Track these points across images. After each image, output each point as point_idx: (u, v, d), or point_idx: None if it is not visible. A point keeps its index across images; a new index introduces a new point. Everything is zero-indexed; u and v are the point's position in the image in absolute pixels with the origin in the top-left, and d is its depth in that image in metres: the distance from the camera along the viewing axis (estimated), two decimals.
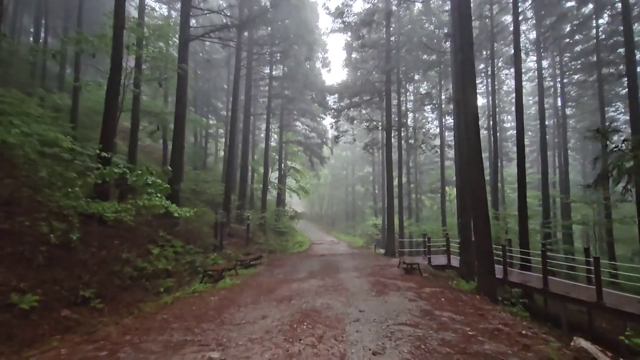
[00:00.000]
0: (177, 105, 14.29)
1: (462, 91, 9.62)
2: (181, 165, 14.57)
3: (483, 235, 9.22)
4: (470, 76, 9.46)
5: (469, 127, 9.49)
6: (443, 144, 25.92)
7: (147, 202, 7.45)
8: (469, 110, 9.40)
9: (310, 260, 16.16)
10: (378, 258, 17.19)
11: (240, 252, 16.72)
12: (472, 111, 9.43)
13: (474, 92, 9.55)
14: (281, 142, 27.90)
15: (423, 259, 16.22)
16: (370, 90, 18.36)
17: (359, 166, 44.70)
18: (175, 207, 8.16)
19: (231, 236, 18.72)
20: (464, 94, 9.55)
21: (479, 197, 9.29)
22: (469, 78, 9.45)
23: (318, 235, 35.02)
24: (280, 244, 23.81)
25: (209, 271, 9.93)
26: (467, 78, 9.43)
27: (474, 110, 9.46)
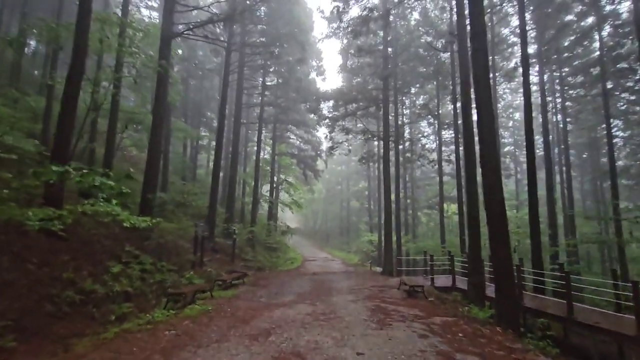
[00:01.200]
0: (155, 106, 12.80)
1: (475, 85, 8.24)
2: (157, 172, 12.97)
3: (502, 255, 7.63)
4: (483, 69, 8.11)
5: (483, 126, 8.06)
6: (441, 158, 24.60)
7: (88, 208, 5.81)
8: (483, 106, 7.99)
9: (300, 279, 14.38)
10: (375, 277, 15.45)
11: (223, 269, 14.90)
12: (486, 108, 8.03)
13: (487, 87, 8.17)
14: (274, 154, 26.42)
15: (424, 280, 14.52)
16: (367, 98, 17.10)
17: (354, 181, 43.25)
18: (128, 215, 6.54)
19: (215, 252, 16.91)
20: (477, 89, 8.17)
21: (497, 210, 7.76)
22: (482, 71, 8.10)
23: (311, 251, 33.12)
24: (270, 260, 21.96)
25: (175, 294, 8.16)
26: (480, 70, 8.07)
27: (488, 107, 8.06)
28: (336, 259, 27.56)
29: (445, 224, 32.48)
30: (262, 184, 29.93)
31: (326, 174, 44.00)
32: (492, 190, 7.86)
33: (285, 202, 30.26)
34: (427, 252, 16.07)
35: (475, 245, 11.06)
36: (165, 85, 13.10)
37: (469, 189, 11.30)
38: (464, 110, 11.65)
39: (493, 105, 14.94)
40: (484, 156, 8.02)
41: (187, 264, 12.81)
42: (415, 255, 22.65)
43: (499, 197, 7.83)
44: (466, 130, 11.49)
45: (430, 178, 36.58)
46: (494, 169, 7.94)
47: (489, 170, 7.93)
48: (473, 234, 11.09)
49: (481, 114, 8.07)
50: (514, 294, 7.56)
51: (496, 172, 7.93)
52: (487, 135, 7.99)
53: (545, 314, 9.12)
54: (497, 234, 7.69)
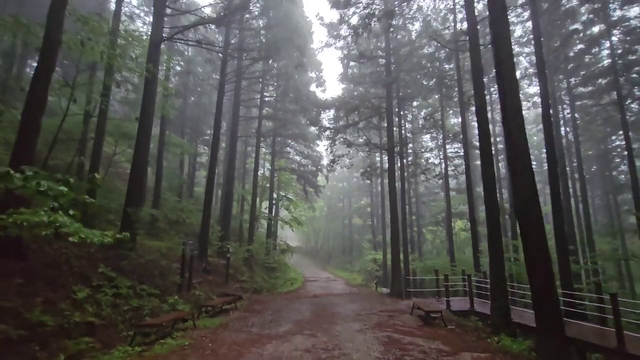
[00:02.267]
0: (142, 113, 11.66)
1: (498, 76, 7.06)
2: (142, 185, 11.72)
3: (543, 275, 6.22)
4: (506, 54, 6.95)
5: (508, 120, 6.83)
6: (447, 172, 23.33)
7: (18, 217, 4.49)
8: (510, 96, 6.78)
9: (300, 302, 12.80)
10: (382, 300, 13.85)
11: (214, 292, 13.37)
12: (513, 100, 6.82)
13: (513, 76, 6.98)
14: (273, 169, 25.21)
15: (437, 302, 12.93)
16: (369, 107, 16.02)
17: (355, 197, 41.81)
18: (80, 227, 5.22)
19: (207, 273, 15.38)
20: (501, 80, 6.99)
21: (534, 222, 6.41)
22: (506, 56, 6.93)
23: (312, 271, 31.35)
24: (268, 281, 20.32)
25: (146, 326, 6.68)
26: (503, 55, 6.91)
27: (515, 100, 6.85)
28: (339, 279, 25.84)
29: (444, 242, 30.97)
30: (262, 200, 28.59)
31: (327, 191, 42.64)
32: (528, 198, 6.52)
33: (285, 220, 28.79)
34: (438, 272, 14.54)
35: (497, 264, 9.59)
36: (153, 91, 12.03)
37: (489, 202, 9.94)
38: (478, 114, 10.46)
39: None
40: (516, 160, 6.73)
41: (173, 287, 11.31)
42: (423, 274, 20.97)
43: (536, 213, 6.48)
44: (482, 135, 10.25)
45: (434, 194, 35.20)
46: (528, 175, 6.62)
47: (521, 175, 6.62)
48: (495, 252, 9.65)
49: (508, 112, 6.84)
50: (560, 324, 6.08)
51: (530, 179, 6.61)
52: (517, 134, 6.72)
53: (586, 344, 7.56)
54: (536, 250, 6.30)
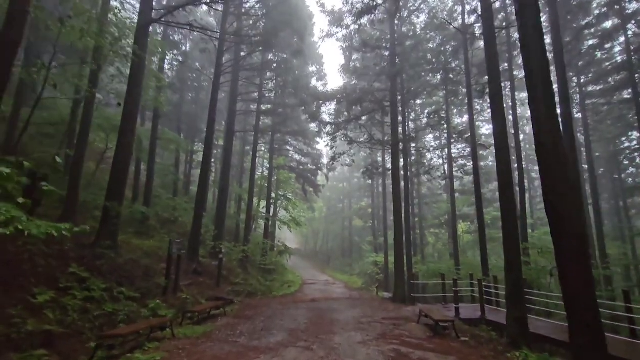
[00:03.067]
0: (127, 99, 10.70)
1: (525, 49, 6.08)
2: (124, 179, 10.71)
3: (580, 279, 5.23)
4: (534, 26, 5.98)
5: (537, 101, 5.83)
6: (452, 172, 22.35)
7: None
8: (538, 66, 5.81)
9: (296, 307, 11.79)
10: (385, 305, 12.82)
11: (204, 296, 12.35)
12: (541, 70, 5.85)
13: (542, 51, 6.00)
14: (271, 168, 24.23)
15: (444, 309, 11.92)
16: (373, 101, 15.05)
17: (356, 199, 40.79)
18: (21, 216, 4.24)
19: (198, 274, 14.36)
20: (529, 54, 6.01)
21: (571, 217, 5.41)
22: (533, 32, 5.97)
23: (311, 273, 30.29)
24: (264, 284, 19.27)
25: (112, 336, 5.66)
26: (531, 23, 5.94)
27: (544, 70, 5.87)
28: (338, 283, 24.80)
29: (447, 244, 29.89)
30: (260, 200, 27.60)
31: (327, 192, 41.63)
32: (563, 197, 5.52)
33: (284, 220, 27.76)
34: (445, 276, 13.52)
35: (514, 269, 8.58)
36: (140, 77, 11.06)
37: (505, 200, 8.93)
38: (494, 103, 9.48)
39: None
40: (549, 149, 5.72)
41: (157, 290, 10.30)
42: (426, 278, 19.88)
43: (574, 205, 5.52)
44: (498, 127, 9.27)
45: (437, 195, 34.19)
46: (562, 170, 5.61)
47: (556, 172, 5.61)
48: (511, 255, 8.64)
49: (537, 93, 5.86)
50: (602, 338, 5.08)
51: (565, 174, 5.61)
52: (547, 119, 5.73)
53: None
54: (572, 250, 5.31)
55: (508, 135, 9.61)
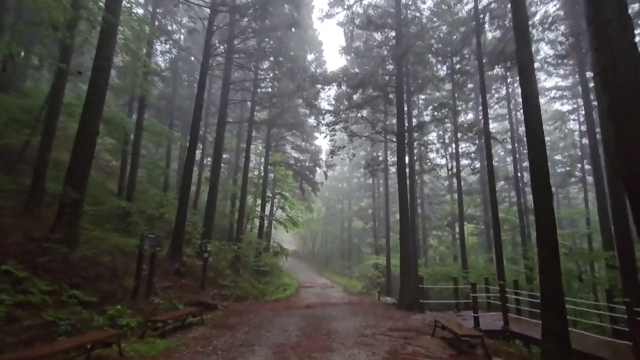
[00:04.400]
0: (95, 70, 9.13)
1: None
2: (87, 162, 9.07)
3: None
4: None
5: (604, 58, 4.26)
6: (459, 169, 20.75)
7: None
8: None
9: (289, 314, 10.13)
10: (390, 313, 11.17)
11: (183, 300, 10.72)
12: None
13: None
14: (267, 164, 22.63)
15: (458, 317, 10.31)
16: (376, 86, 13.52)
17: (356, 199, 39.13)
18: None
19: (181, 275, 12.72)
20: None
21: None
22: None
23: (308, 276, 28.59)
24: (256, 287, 17.61)
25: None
26: None
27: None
28: (336, 286, 23.12)
29: (455, 247, 28.22)
30: (255, 198, 25.98)
31: (326, 191, 39.99)
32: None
33: (280, 220, 26.12)
34: (457, 280, 11.89)
35: (551, 271, 6.98)
36: (111, 47, 9.50)
37: (540, 190, 7.34)
38: (523, 78, 7.91)
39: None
40: (619, 114, 4.16)
41: (124, 293, 8.67)
42: (430, 282, 18.16)
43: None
44: (531, 105, 7.68)
45: (440, 196, 32.58)
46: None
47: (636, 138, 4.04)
48: (547, 255, 7.03)
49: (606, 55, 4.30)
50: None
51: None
52: (622, 78, 4.16)
53: None
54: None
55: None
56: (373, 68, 13.47)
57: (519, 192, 20.14)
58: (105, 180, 19.71)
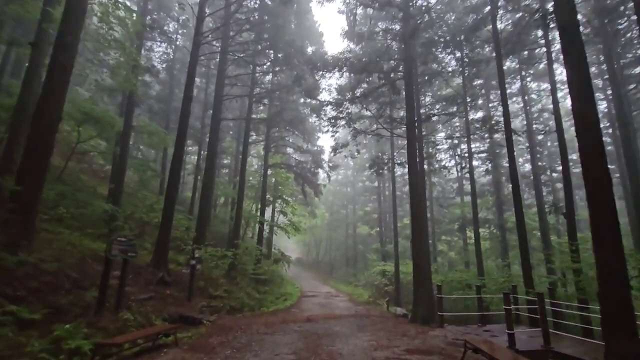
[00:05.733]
0: (61, 36, 7.78)
1: None
2: (46, 148, 7.66)
3: None
4: None
5: None
6: (472, 168, 19.14)
7: None
8: None
9: (285, 331, 8.53)
10: (402, 327, 9.50)
11: (165, 313, 9.18)
12: None
13: None
14: (266, 166, 21.20)
15: (484, 332, 8.66)
16: (383, 70, 12.06)
17: (360, 204, 37.42)
18: None
19: (166, 285, 11.21)
20: None
21: None
22: None
23: (312, 284, 26.87)
24: (254, 297, 15.98)
25: None
26: None
27: None
28: (341, 295, 21.40)
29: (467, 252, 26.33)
30: (255, 203, 24.51)
31: (329, 196, 38.43)
32: None
33: (281, 225, 24.57)
34: (480, 288, 10.21)
35: (615, 278, 5.36)
36: (77, 18, 8.14)
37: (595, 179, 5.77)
38: (566, 39, 6.40)
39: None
40: None
41: (85, 308, 7.16)
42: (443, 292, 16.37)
43: None
44: (579, 79, 6.14)
45: (449, 199, 30.81)
46: None
47: None
48: (609, 259, 5.42)
49: None
50: None
51: None
52: None
53: None
54: None
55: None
56: (379, 51, 12.02)
57: (539, 191, 18.43)
58: (98, 184, 18.40)
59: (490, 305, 12.89)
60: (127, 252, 8.13)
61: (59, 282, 7.41)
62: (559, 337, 7.93)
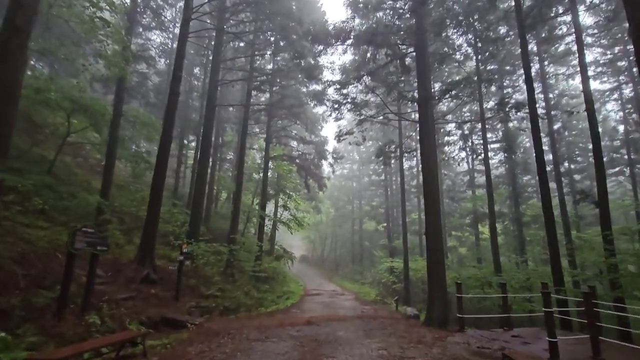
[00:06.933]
0: (12, 6, 6.62)
1: None
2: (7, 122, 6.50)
3: None
4: None
5: None
6: (487, 156, 17.67)
7: None
8: None
9: (280, 336, 7.29)
10: (416, 331, 8.19)
11: (145, 314, 8.03)
12: None
13: None
14: (267, 157, 19.98)
15: (511, 336, 7.31)
16: (391, 47, 10.73)
17: (367, 199, 36.00)
18: None
19: (152, 284, 10.08)
20: None
21: None
22: None
23: (317, 282, 25.68)
24: (253, 296, 14.82)
25: None
26: None
27: None
28: (347, 293, 20.15)
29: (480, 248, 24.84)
30: (256, 196, 23.33)
31: (334, 191, 37.10)
32: None
33: (283, 220, 23.35)
34: (505, 286, 8.83)
35: None
36: None
37: None
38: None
39: None
40: None
41: (40, 310, 6.01)
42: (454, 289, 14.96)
43: None
44: None
45: (460, 192, 29.22)
46: None
47: None
48: None
49: None
50: None
51: None
52: None
53: None
54: None
55: None
56: (386, 25, 10.65)
57: (559, 181, 16.91)
58: (93, 179, 17.39)
59: (513, 305, 11.50)
60: (96, 245, 6.96)
61: (12, 280, 6.28)
62: (602, 342, 6.55)
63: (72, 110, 13.90)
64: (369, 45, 10.56)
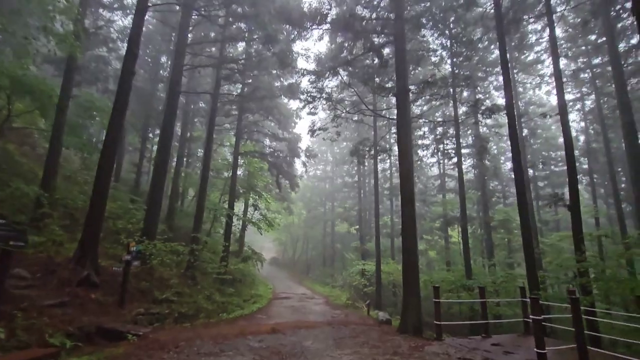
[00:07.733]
0: None
1: None
2: None
3: None
4: None
5: None
6: (460, 158, 17.57)
7: None
8: None
9: (238, 349, 6.25)
10: (390, 339, 7.43)
11: (76, 324, 6.69)
12: None
13: None
14: (237, 153, 18.79)
15: (493, 346, 6.72)
16: (368, 30, 10.03)
17: (339, 201, 35.37)
18: None
19: (92, 287, 8.65)
20: None
21: None
22: None
23: (286, 285, 24.58)
24: (215, 300, 13.52)
25: None
26: None
27: None
28: (317, 297, 19.26)
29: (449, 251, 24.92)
30: (224, 194, 21.93)
31: (307, 192, 36.18)
32: None
33: (253, 220, 22.11)
34: (484, 290, 8.30)
35: None
36: None
37: None
38: None
39: None
40: None
41: None
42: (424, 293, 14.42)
43: None
44: None
45: (431, 196, 29.31)
46: None
47: None
48: None
49: None
50: None
51: None
52: None
53: None
54: None
55: None
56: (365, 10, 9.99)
57: (528, 187, 17.06)
58: (40, 169, 15.38)
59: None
60: (8, 239, 5.59)
61: None
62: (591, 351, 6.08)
63: (12, 89, 12.14)
64: (346, 31, 9.82)
